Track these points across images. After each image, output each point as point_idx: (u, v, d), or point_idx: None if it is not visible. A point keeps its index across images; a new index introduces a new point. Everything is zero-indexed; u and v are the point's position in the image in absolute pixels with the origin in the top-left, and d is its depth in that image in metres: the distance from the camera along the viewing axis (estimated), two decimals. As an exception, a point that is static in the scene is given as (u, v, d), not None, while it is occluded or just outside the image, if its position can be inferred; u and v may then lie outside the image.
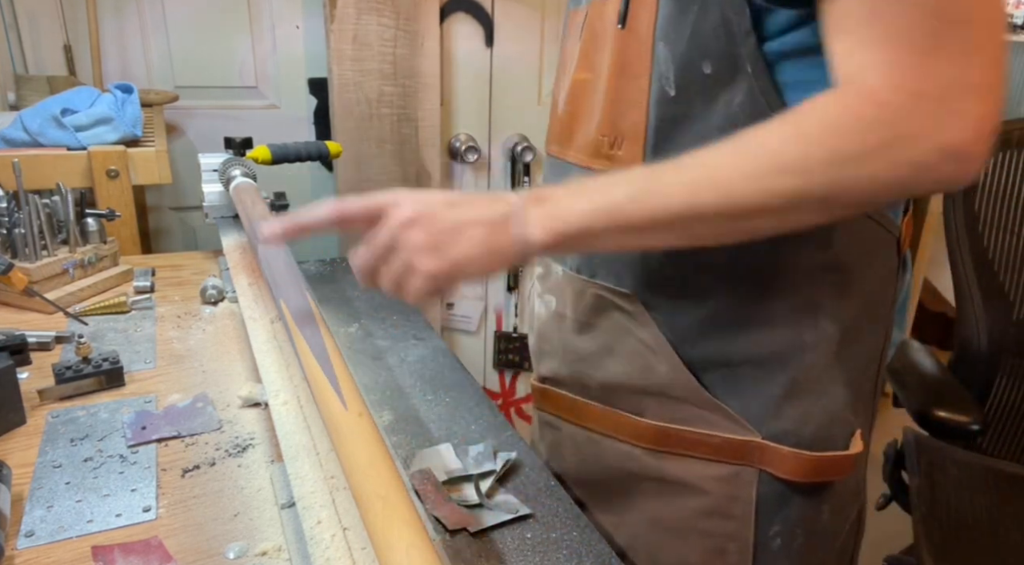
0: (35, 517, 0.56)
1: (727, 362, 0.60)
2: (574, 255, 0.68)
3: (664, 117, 0.56)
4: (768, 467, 0.60)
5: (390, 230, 0.49)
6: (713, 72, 0.52)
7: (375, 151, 1.37)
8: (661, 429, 0.63)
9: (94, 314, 0.92)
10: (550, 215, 0.48)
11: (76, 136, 1.05)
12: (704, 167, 0.46)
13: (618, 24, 0.57)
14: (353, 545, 0.47)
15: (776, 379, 0.59)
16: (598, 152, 0.61)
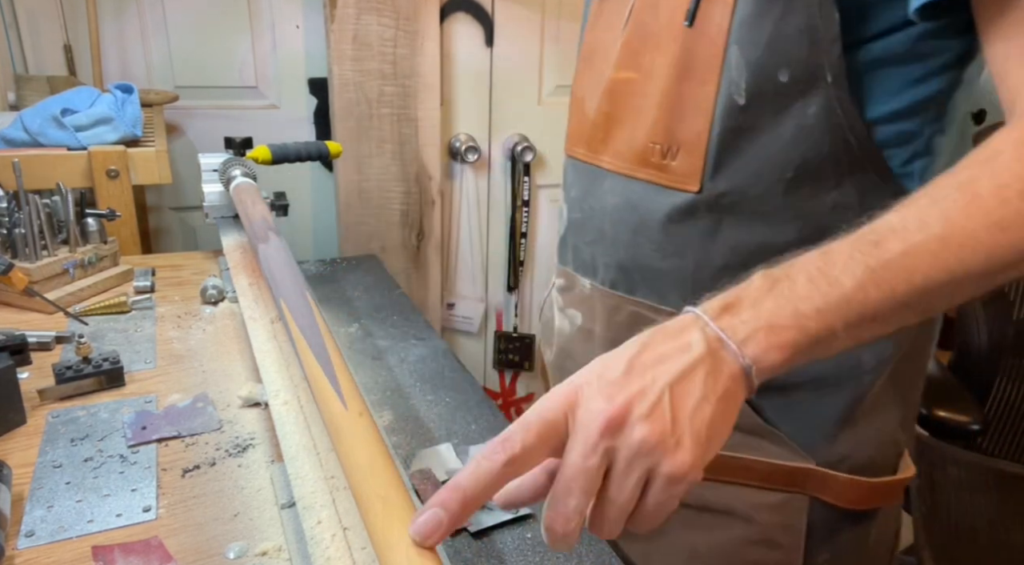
0: (35, 517, 0.56)
1: (781, 386, 0.55)
2: (607, 267, 0.63)
3: (730, 127, 0.52)
4: (821, 494, 0.57)
5: (593, 445, 0.34)
6: (789, 81, 0.49)
7: (375, 151, 1.37)
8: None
9: (94, 314, 0.92)
10: (769, 328, 0.37)
11: (76, 136, 1.05)
12: (934, 225, 0.38)
13: (684, 22, 0.52)
14: (353, 545, 0.47)
15: (833, 403, 0.56)
16: (645, 161, 0.57)
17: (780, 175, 0.51)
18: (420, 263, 1.49)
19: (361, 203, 1.40)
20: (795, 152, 0.50)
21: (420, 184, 1.43)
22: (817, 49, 0.47)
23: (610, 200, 0.62)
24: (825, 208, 0.51)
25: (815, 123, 0.49)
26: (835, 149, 0.49)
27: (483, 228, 1.60)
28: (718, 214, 0.54)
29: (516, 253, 1.62)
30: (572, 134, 0.68)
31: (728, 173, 0.53)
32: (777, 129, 0.50)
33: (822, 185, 0.51)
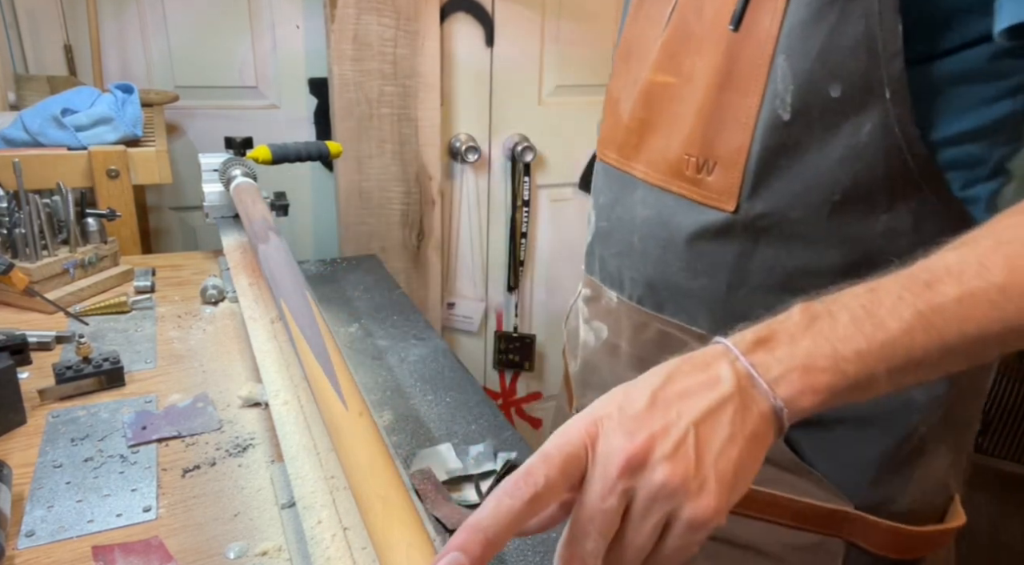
0: (35, 517, 0.56)
1: (821, 421, 0.51)
2: (633, 282, 0.59)
3: (772, 144, 0.47)
4: (859, 540, 0.53)
5: (612, 485, 0.32)
6: (842, 96, 0.44)
7: (375, 151, 1.37)
8: None
9: (94, 314, 0.92)
10: (805, 369, 0.34)
11: (76, 136, 1.05)
12: (996, 272, 0.35)
13: (730, 25, 0.48)
14: (353, 545, 0.47)
15: (878, 443, 0.51)
16: (679, 173, 0.53)
17: (826, 197, 0.47)
18: (420, 263, 1.49)
19: (361, 203, 1.40)
20: (844, 173, 0.46)
21: (420, 184, 1.43)
22: (875, 63, 0.43)
23: (640, 212, 0.58)
24: (875, 233, 0.47)
25: (869, 142, 0.45)
26: (890, 171, 0.45)
27: (483, 228, 1.60)
28: (754, 235, 0.50)
29: (516, 253, 1.62)
30: (604, 137, 0.63)
31: (768, 193, 0.48)
32: (825, 148, 0.46)
33: (872, 209, 0.47)
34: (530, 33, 1.49)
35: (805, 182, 0.47)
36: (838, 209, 0.47)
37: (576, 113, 1.58)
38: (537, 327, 1.72)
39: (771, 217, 0.49)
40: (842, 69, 0.44)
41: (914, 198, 0.46)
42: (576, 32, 1.51)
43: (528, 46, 1.50)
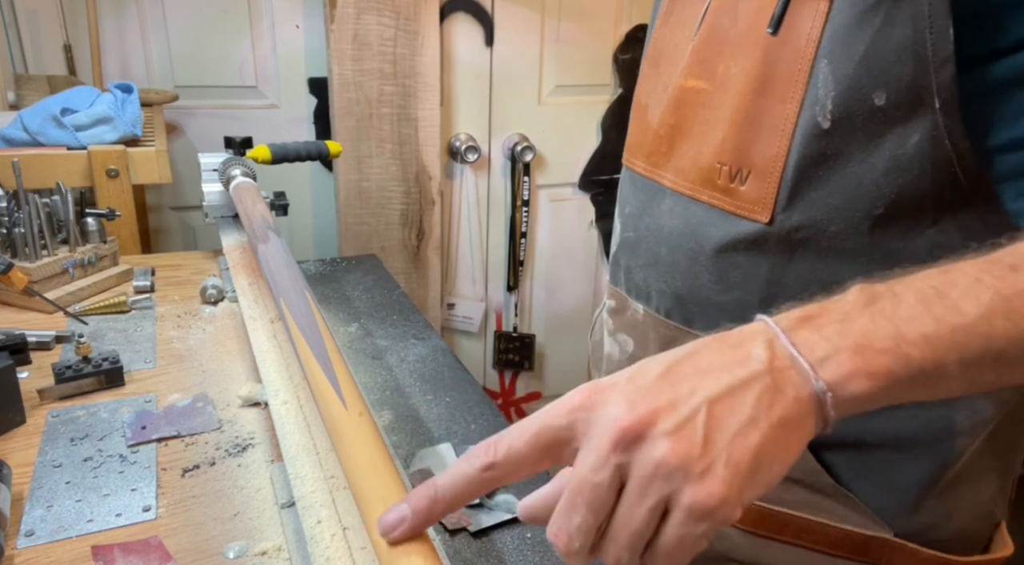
0: (35, 517, 0.56)
1: (859, 443, 0.49)
2: (661, 294, 0.57)
3: (811, 153, 0.45)
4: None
5: (604, 458, 0.29)
6: (887, 104, 0.42)
7: (375, 151, 1.37)
8: (764, 510, 0.52)
9: (94, 314, 0.92)
10: (858, 348, 0.30)
11: (76, 136, 1.05)
12: None
13: (768, 28, 0.46)
14: (353, 545, 0.47)
15: (918, 467, 0.49)
16: (710, 182, 0.51)
17: (868, 211, 0.44)
18: (420, 263, 1.49)
19: (361, 203, 1.40)
20: (888, 186, 0.43)
21: (420, 184, 1.43)
22: (924, 69, 0.40)
23: (668, 222, 0.56)
24: (920, 249, 0.44)
25: (915, 153, 0.42)
26: (938, 184, 0.42)
27: (483, 228, 1.60)
28: (790, 248, 0.48)
29: (516, 253, 1.62)
30: (632, 144, 0.61)
31: (805, 205, 0.46)
32: (869, 159, 0.43)
33: (918, 224, 0.44)
34: (530, 33, 1.49)
35: (846, 194, 0.45)
36: (881, 223, 0.45)
37: (576, 113, 1.58)
38: (537, 327, 1.72)
39: (808, 230, 0.47)
40: (888, 75, 0.42)
41: (963, 212, 0.43)
42: (576, 32, 1.51)
43: (528, 46, 1.50)
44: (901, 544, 0.50)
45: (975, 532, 0.52)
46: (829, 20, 0.43)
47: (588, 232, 1.68)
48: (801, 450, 0.31)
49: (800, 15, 0.44)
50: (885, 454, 0.49)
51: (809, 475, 0.51)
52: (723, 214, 0.51)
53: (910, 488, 0.49)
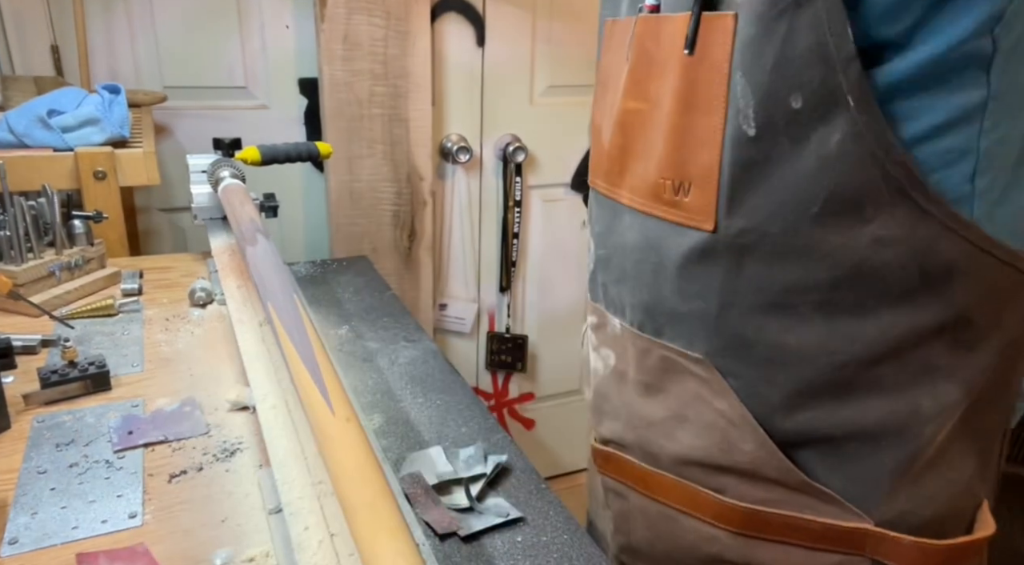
0: (19, 524, 0.56)
1: (827, 437, 0.51)
2: (633, 308, 0.59)
3: (741, 160, 0.47)
4: (883, 558, 0.52)
5: None
6: (804, 106, 0.44)
7: (366, 152, 1.37)
8: (749, 511, 0.54)
9: (81, 317, 0.91)
10: None
11: (63, 137, 1.04)
12: None
13: (685, 50, 0.48)
14: (340, 552, 0.46)
15: (889, 456, 0.50)
16: (658, 196, 0.53)
17: (804, 211, 0.46)
18: (411, 264, 1.49)
19: (352, 204, 1.39)
20: (819, 185, 0.45)
21: (411, 185, 1.42)
22: (831, 69, 0.42)
23: (630, 237, 0.58)
24: (861, 244, 0.46)
25: (839, 152, 0.44)
26: (869, 179, 0.44)
27: (475, 229, 1.60)
28: (739, 254, 0.50)
29: (508, 254, 1.61)
30: (593, 165, 0.63)
31: (745, 210, 0.48)
32: (797, 161, 0.45)
33: (856, 219, 0.46)
34: (521, 33, 1.49)
35: (781, 196, 0.46)
36: (820, 222, 0.46)
37: (568, 113, 1.58)
38: (529, 328, 1.72)
39: (752, 234, 0.49)
40: (800, 79, 0.43)
41: (900, 205, 0.45)
42: (567, 32, 1.51)
43: (519, 46, 1.49)
44: (881, 533, 0.51)
45: (956, 514, 0.53)
46: (737, 34, 0.45)
47: (580, 232, 1.68)
48: None
49: (711, 33, 0.47)
50: (854, 446, 0.51)
51: (783, 474, 0.52)
52: (674, 226, 0.53)
53: (883, 477, 0.51)
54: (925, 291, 0.46)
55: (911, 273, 0.46)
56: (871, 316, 0.47)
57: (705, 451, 0.55)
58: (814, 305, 0.48)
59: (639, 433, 0.61)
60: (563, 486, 1.81)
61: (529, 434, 1.81)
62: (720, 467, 0.55)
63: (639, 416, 0.60)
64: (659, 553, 0.62)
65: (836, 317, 0.48)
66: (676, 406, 0.57)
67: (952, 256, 0.46)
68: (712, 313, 0.52)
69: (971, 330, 0.48)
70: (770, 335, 0.50)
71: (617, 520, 0.66)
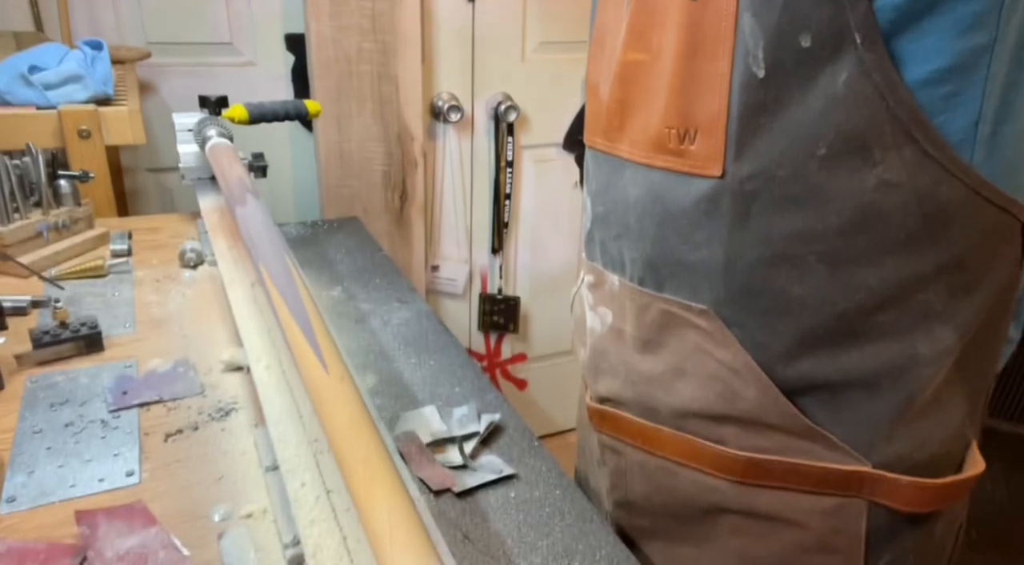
0: (16, 482, 0.56)
1: (827, 384, 0.52)
2: (634, 262, 0.59)
3: (751, 104, 0.47)
4: (880, 498, 0.54)
5: None
6: (813, 45, 0.44)
7: (355, 110, 1.35)
8: (749, 460, 0.55)
9: (70, 278, 0.90)
10: None
11: (45, 95, 1.02)
12: None
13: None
14: (337, 507, 0.47)
15: (887, 400, 0.51)
16: (662, 147, 0.53)
17: (811, 153, 0.47)
18: (403, 225, 1.48)
19: (342, 164, 1.38)
20: (826, 126, 0.45)
21: (402, 145, 1.41)
22: (840, 7, 0.43)
23: (632, 192, 0.58)
24: (867, 187, 0.47)
25: (847, 92, 0.44)
26: (875, 120, 0.45)
27: (467, 189, 1.59)
28: (745, 201, 0.50)
29: (500, 215, 1.61)
30: (590, 123, 0.63)
31: (752, 154, 0.48)
32: (805, 101, 0.45)
33: (862, 162, 0.46)
34: (513, -12, 1.45)
35: (788, 138, 0.47)
36: (826, 165, 0.47)
37: (560, 70, 1.55)
38: (522, 289, 1.73)
39: (759, 179, 0.49)
40: (809, 18, 0.44)
41: (905, 147, 0.45)
42: (560, -13, 1.48)
43: (511, 2, 1.46)
44: (879, 474, 0.53)
45: (948, 455, 0.55)
46: None
47: (573, 193, 1.67)
48: None
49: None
50: (854, 392, 0.52)
51: (786, 420, 0.53)
52: (679, 176, 0.53)
53: (881, 421, 0.52)
54: (925, 237, 0.47)
55: (913, 218, 0.47)
56: (874, 264, 0.48)
57: (706, 402, 0.56)
58: (819, 254, 0.49)
59: (638, 389, 0.62)
60: (555, 444, 1.84)
61: (521, 394, 1.83)
62: (721, 417, 0.56)
63: (637, 372, 0.61)
64: (657, 506, 0.64)
65: (840, 266, 0.49)
66: (676, 360, 0.57)
67: (952, 201, 0.46)
68: (719, 263, 0.53)
69: (967, 275, 0.49)
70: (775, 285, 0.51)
71: (614, 476, 0.67)
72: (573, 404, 0.82)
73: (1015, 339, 0.59)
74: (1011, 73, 0.45)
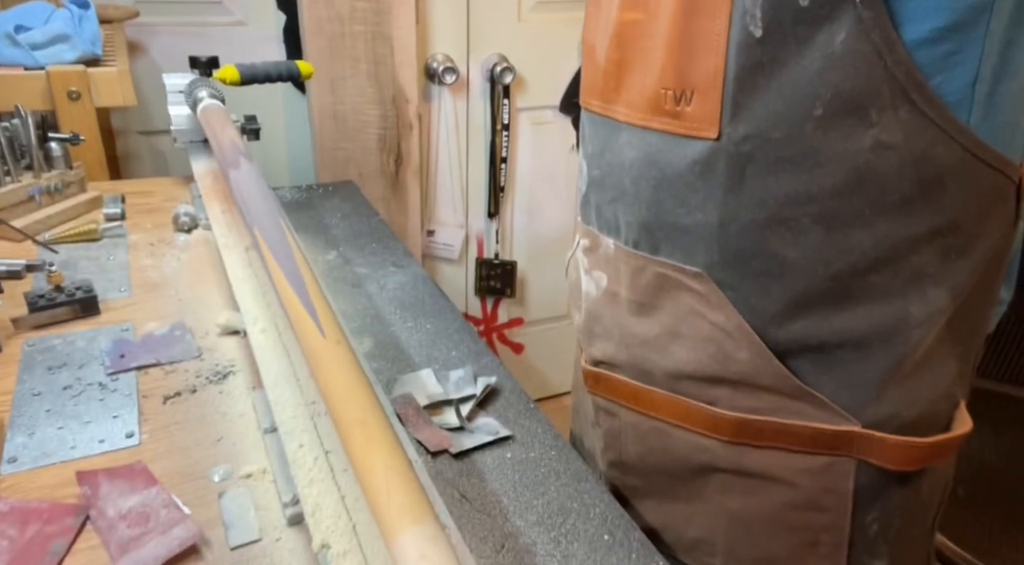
0: (17, 444, 0.57)
1: (819, 345, 0.53)
2: (629, 226, 0.59)
3: (748, 63, 0.47)
4: (868, 457, 0.54)
5: None
6: (811, 4, 0.44)
7: (349, 72, 1.32)
8: (741, 420, 0.56)
9: (64, 242, 0.90)
10: None
11: (33, 55, 1.00)
12: None
13: None
14: (335, 467, 0.48)
15: (878, 361, 0.52)
16: (658, 108, 0.53)
17: (807, 113, 0.47)
18: (399, 189, 1.47)
19: (336, 127, 1.36)
20: (823, 86, 0.45)
21: (397, 107, 1.39)
22: None
23: (628, 154, 0.58)
24: (863, 148, 0.46)
25: (844, 50, 0.44)
26: (872, 80, 0.44)
27: (462, 153, 1.57)
28: (741, 163, 0.50)
29: (496, 178, 1.59)
30: (586, 85, 0.62)
31: (748, 115, 0.48)
32: (802, 61, 0.45)
33: (859, 122, 0.46)
34: (509, -55, 1.42)
35: (784, 99, 0.46)
36: (821, 126, 0.47)
37: (557, 31, 1.52)
38: (518, 253, 1.72)
39: (755, 140, 0.49)
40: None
41: (902, 107, 0.45)
42: (558, -56, 1.44)
43: (507, -41, 1.43)
44: (868, 434, 0.53)
45: (937, 414, 0.55)
46: None
47: (569, 157, 1.66)
48: None
49: None
50: (845, 353, 0.52)
51: (777, 381, 0.54)
52: (675, 138, 0.53)
53: (872, 381, 0.53)
54: (920, 199, 0.47)
55: (908, 180, 0.47)
56: (868, 225, 0.48)
57: (699, 364, 0.57)
58: (814, 216, 0.49)
59: (632, 352, 0.62)
60: (551, 407, 1.86)
61: (518, 358, 1.85)
62: (714, 379, 0.57)
63: (632, 335, 0.62)
64: (650, 466, 0.65)
65: (835, 228, 0.49)
66: (670, 322, 0.58)
67: (947, 162, 0.46)
68: (713, 226, 0.53)
69: (960, 237, 0.49)
70: (770, 247, 0.51)
71: (607, 438, 0.68)
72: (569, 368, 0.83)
73: (1006, 300, 0.59)
74: (1009, 31, 0.45)
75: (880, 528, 0.57)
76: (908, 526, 0.59)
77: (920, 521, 0.61)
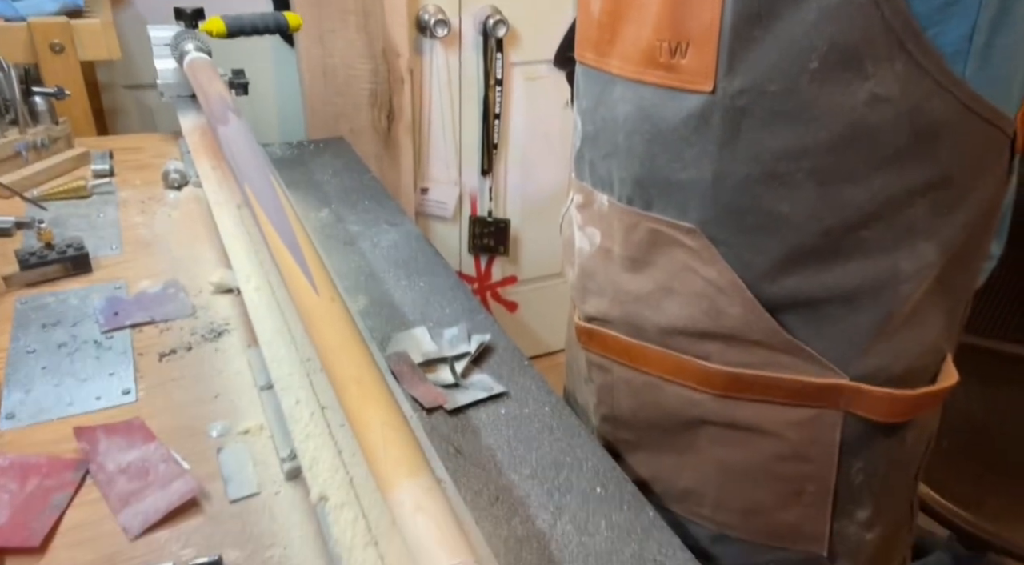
0: (14, 400, 0.57)
1: (810, 300, 0.53)
2: (622, 182, 0.59)
3: (744, 15, 0.46)
4: (855, 409, 0.55)
5: None
6: None
7: (338, 24, 1.29)
8: (731, 374, 0.57)
9: (53, 199, 0.89)
10: None
11: (12, 5, 0.97)
12: None
13: None
14: (332, 423, 0.49)
15: (867, 315, 0.52)
16: (652, 61, 0.52)
17: (803, 66, 0.46)
18: (391, 146, 1.45)
19: (326, 81, 1.34)
20: (819, 37, 0.45)
21: (388, 61, 1.36)
22: None
23: (622, 109, 0.57)
24: (858, 102, 0.46)
25: (842, 2, 0.43)
26: (869, 31, 0.44)
27: (455, 109, 1.55)
28: (736, 117, 0.50)
29: (490, 135, 1.58)
30: (580, 38, 0.61)
31: (744, 68, 0.48)
32: (799, 12, 0.45)
33: (854, 75, 0.46)
34: None
35: (780, 51, 0.46)
36: (817, 78, 0.46)
37: (552, -17, 1.49)
38: (512, 211, 1.72)
39: (750, 93, 0.49)
40: None
41: (898, 59, 0.45)
42: None
43: (501, -94, 1.38)
44: (855, 386, 0.54)
45: (923, 367, 0.56)
46: None
47: (564, 113, 1.64)
48: None
49: None
50: (835, 307, 0.53)
51: (768, 336, 0.54)
52: (670, 91, 0.52)
53: (860, 335, 0.53)
54: (913, 152, 0.47)
55: (903, 134, 0.47)
56: (862, 180, 0.48)
57: (691, 319, 0.57)
58: (808, 171, 0.49)
59: (625, 308, 0.62)
60: (545, 365, 1.88)
61: (512, 316, 1.86)
62: (706, 334, 0.57)
63: (625, 291, 0.62)
64: (642, 420, 0.66)
65: (828, 183, 0.49)
66: (663, 278, 0.58)
67: (942, 115, 0.46)
68: (707, 181, 0.52)
69: (953, 192, 0.49)
70: (763, 203, 0.51)
71: (600, 392, 0.69)
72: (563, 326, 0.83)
73: (995, 256, 0.60)
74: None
75: (865, 478, 0.58)
76: (892, 476, 0.60)
77: (904, 471, 0.62)
